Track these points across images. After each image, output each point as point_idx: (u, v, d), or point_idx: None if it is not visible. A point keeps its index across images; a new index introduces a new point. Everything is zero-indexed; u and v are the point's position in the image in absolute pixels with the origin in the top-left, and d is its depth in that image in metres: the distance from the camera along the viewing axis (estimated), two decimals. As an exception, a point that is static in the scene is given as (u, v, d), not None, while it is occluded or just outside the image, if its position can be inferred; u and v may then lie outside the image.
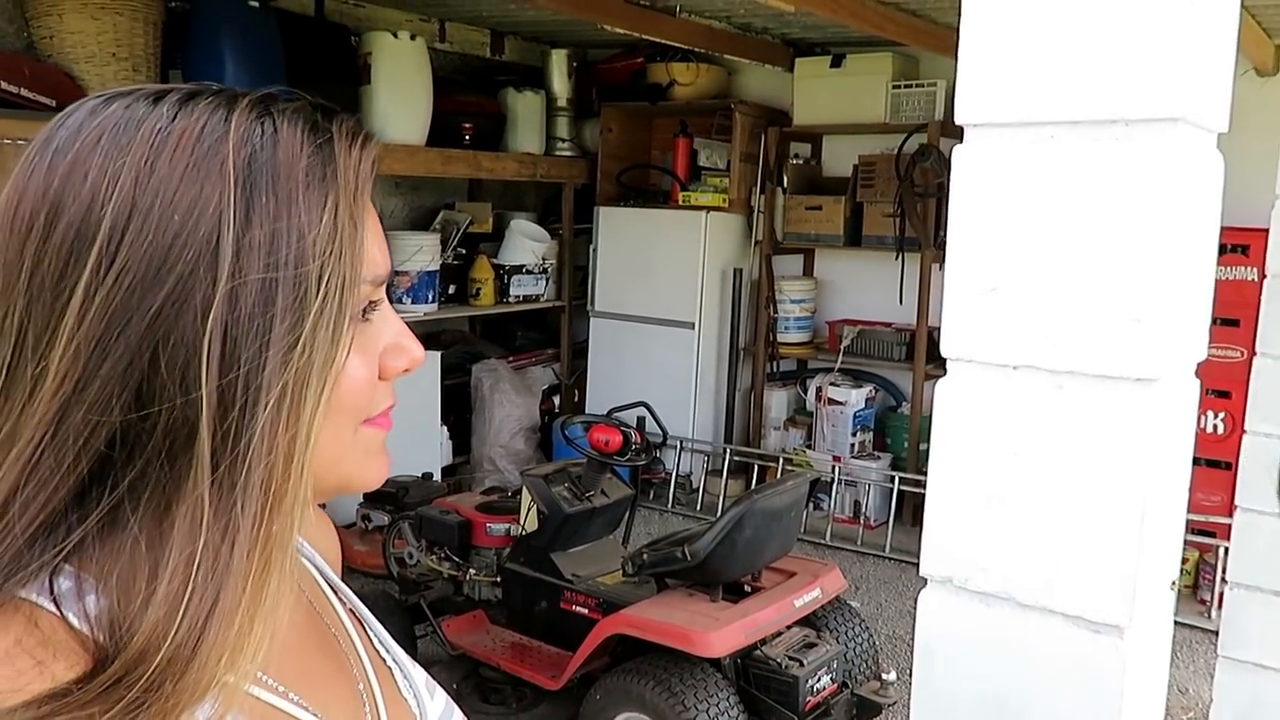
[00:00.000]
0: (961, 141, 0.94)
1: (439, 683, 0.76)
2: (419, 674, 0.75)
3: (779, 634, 2.94)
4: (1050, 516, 0.92)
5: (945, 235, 0.97)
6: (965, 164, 0.94)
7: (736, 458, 5.70)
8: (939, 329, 0.98)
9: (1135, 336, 0.85)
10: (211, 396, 0.53)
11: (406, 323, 0.64)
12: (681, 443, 5.65)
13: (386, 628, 2.93)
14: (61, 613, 0.52)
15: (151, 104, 0.56)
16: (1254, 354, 2.17)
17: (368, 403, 0.60)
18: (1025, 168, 0.91)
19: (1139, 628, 0.90)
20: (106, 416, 0.53)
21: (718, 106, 5.73)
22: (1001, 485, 0.94)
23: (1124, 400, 0.87)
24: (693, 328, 5.68)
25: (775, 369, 5.90)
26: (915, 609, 1.03)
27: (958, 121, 0.94)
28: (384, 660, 0.73)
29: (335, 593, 0.75)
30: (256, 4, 4.55)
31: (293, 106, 0.59)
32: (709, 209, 5.61)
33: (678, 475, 5.68)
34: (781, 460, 5.47)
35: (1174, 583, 1.01)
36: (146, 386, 0.54)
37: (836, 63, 5.41)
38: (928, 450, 0.99)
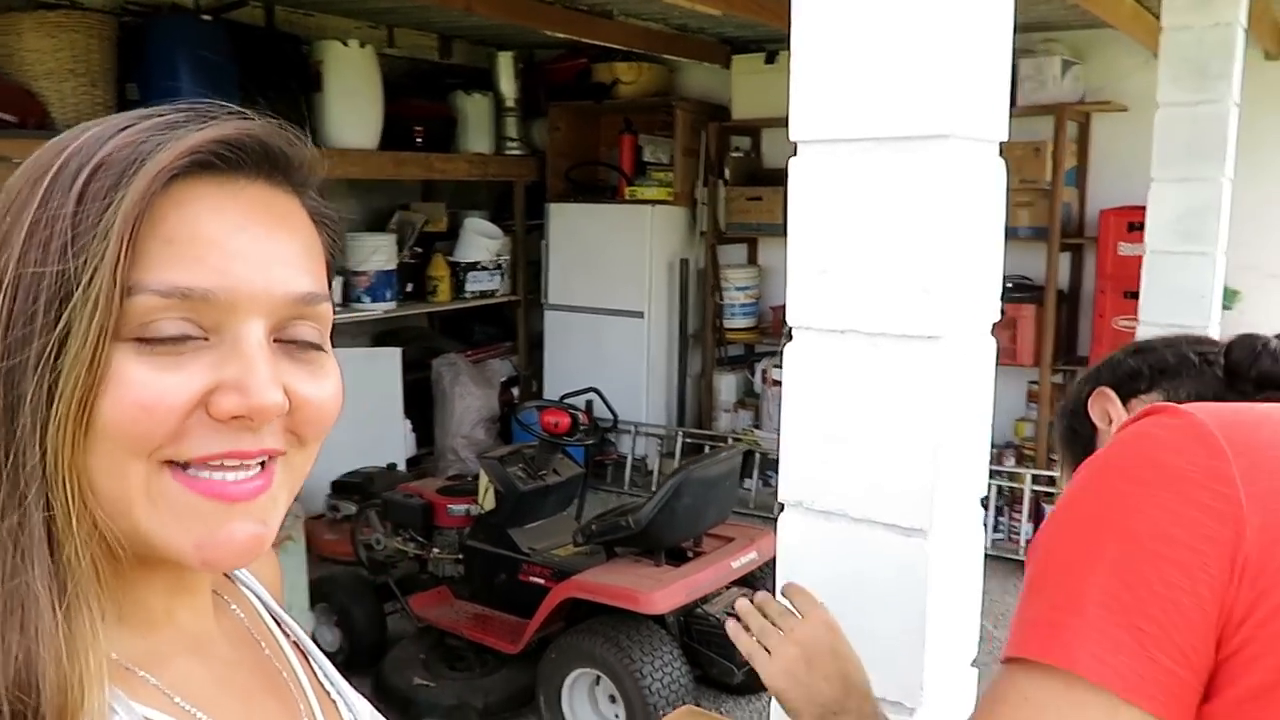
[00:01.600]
0: (795, 154, 1.19)
1: (363, 693, 0.75)
2: (364, 706, 0.71)
3: (719, 593, 3.20)
4: (871, 447, 1.17)
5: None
6: (799, 172, 1.19)
7: (689, 440, 5.96)
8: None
9: (924, 304, 1.11)
10: None
11: (367, 321, 0.62)
12: (636, 427, 5.90)
13: (356, 608, 3.21)
14: None
15: (123, 122, 0.56)
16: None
17: (161, 436, 0.52)
18: (843, 175, 1.16)
19: (939, 532, 1.15)
20: None
21: (660, 104, 5.97)
22: (835, 425, 1.20)
23: (918, 354, 1.12)
24: (642, 316, 5.93)
25: (723, 354, 6.17)
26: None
27: (791, 139, 1.19)
28: (328, 693, 0.70)
29: (279, 624, 0.72)
30: (209, 17, 4.73)
31: (208, 113, 0.57)
32: (654, 203, 5.86)
33: (633, 458, 5.93)
34: (731, 440, 5.74)
35: (983, 499, 1.27)
36: None
37: (771, 59, 5.67)
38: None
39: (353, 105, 5.08)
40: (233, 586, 0.71)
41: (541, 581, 3.37)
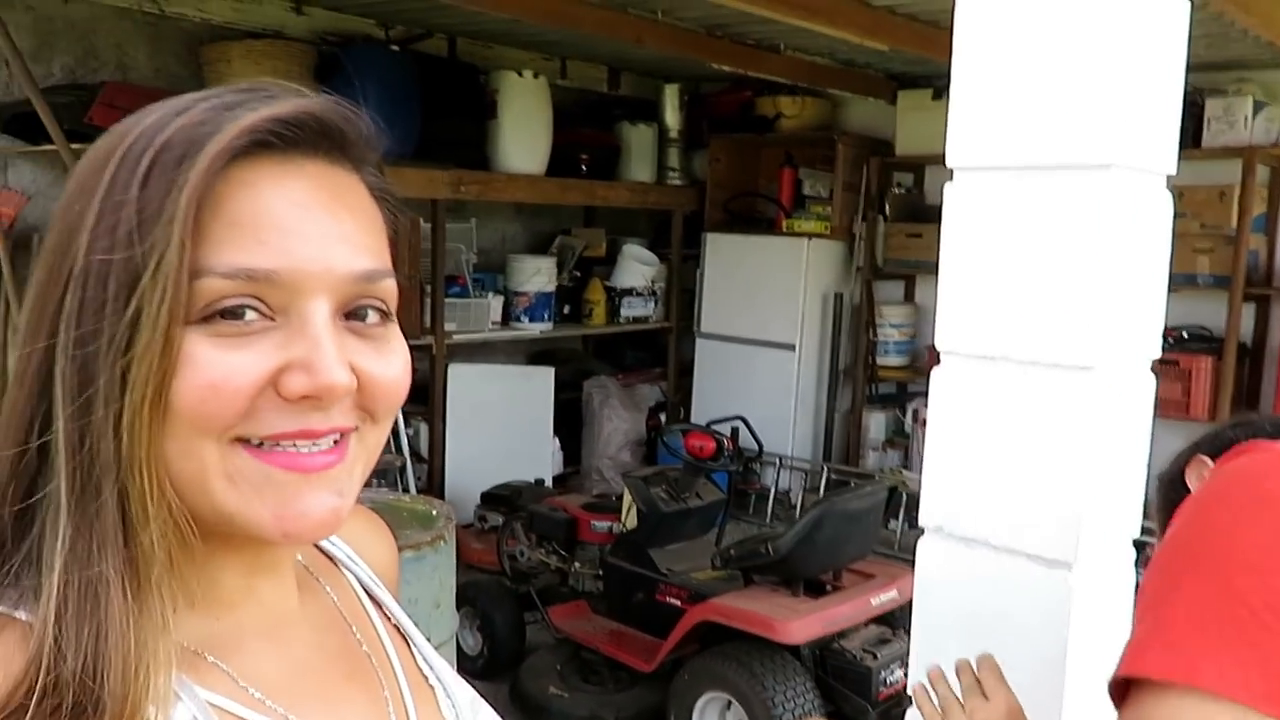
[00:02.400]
0: (951, 180, 1.20)
1: (484, 696, 0.73)
2: (464, 693, 0.70)
3: (857, 629, 3.15)
4: (1017, 476, 1.16)
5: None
6: (955, 198, 1.20)
7: (834, 475, 5.88)
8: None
9: (1077, 334, 1.10)
10: (69, 382, 0.51)
11: (524, 340, 0.61)
12: (781, 460, 5.87)
13: (497, 615, 3.31)
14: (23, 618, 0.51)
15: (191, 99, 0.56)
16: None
17: (231, 415, 0.53)
18: (1001, 201, 1.16)
19: (1085, 566, 1.13)
20: (29, 414, 0.53)
21: (822, 138, 5.97)
22: (980, 451, 1.19)
23: (1070, 383, 1.11)
24: (793, 349, 5.91)
25: (874, 391, 6.07)
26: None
27: (948, 165, 1.20)
28: (426, 679, 0.69)
29: (380, 607, 0.71)
30: (397, 47, 5.03)
31: (266, 92, 0.56)
32: (812, 236, 5.85)
33: (777, 491, 5.90)
34: (879, 478, 5.63)
35: (1135, 540, 1.24)
36: (46, 372, 0.52)
37: (938, 95, 5.59)
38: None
39: (524, 132, 5.29)
40: (332, 568, 0.70)
41: (678, 603, 3.40)
